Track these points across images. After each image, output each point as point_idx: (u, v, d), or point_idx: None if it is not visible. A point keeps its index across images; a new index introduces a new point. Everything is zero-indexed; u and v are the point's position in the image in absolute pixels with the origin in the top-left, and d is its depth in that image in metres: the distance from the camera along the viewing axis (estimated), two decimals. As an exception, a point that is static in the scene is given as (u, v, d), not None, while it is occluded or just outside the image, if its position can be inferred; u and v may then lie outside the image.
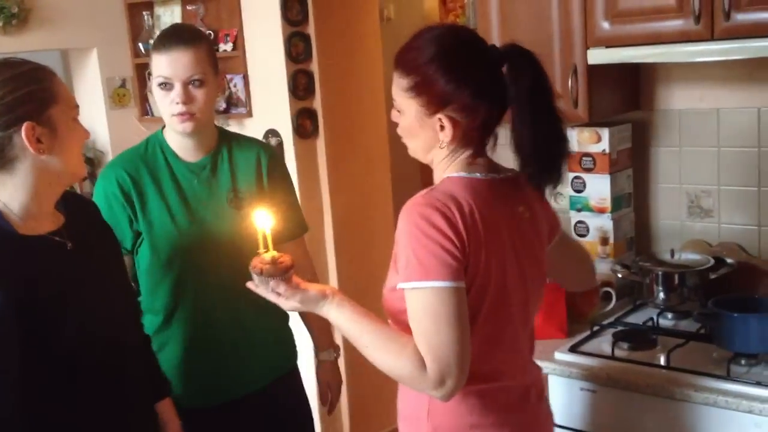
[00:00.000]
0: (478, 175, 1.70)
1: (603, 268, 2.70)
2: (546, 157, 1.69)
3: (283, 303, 1.75)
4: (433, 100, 1.66)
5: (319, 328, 2.50)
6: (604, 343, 2.40)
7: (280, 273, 1.70)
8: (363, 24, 4.01)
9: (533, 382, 1.83)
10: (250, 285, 1.78)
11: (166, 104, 2.20)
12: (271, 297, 1.75)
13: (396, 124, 1.77)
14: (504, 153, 1.73)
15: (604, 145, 2.66)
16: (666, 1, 2.29)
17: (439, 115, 1.66)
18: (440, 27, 1.75)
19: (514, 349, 1.76)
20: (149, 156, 2.28)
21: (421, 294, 1.57)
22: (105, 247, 1.93)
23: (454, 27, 1.87)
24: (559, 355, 2.36)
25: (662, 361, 2.22)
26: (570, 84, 2.50)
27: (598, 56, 2.46)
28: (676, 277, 2.52)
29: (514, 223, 1.73)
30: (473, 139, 1.70)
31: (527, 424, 1.80)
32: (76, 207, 1.88)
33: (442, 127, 1.67)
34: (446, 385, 1.56)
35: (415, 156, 1.78)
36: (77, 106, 1.77)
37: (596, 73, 2.52)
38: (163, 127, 2.31)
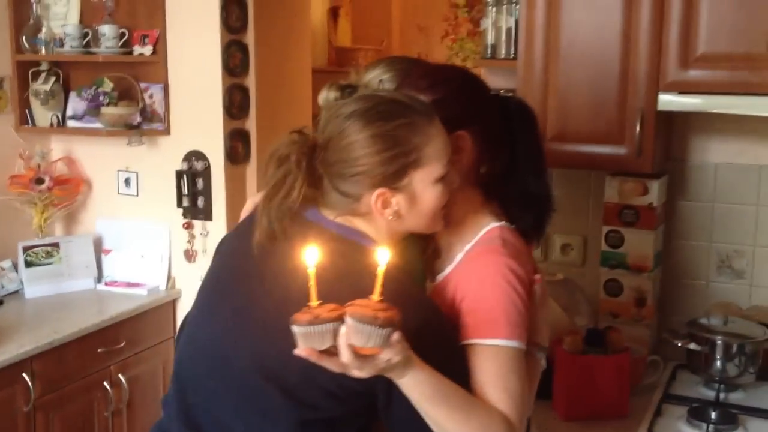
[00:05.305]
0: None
1: (640, 332, 2.47)
2: (543, 212, 1.66)
3: (381, 365, 1.26)
4: (456, 117, 1.51)
5: None
6: (680, 424, 2.14)
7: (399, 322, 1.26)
8: (301, 35, 3.57)
9: None
10: (348, 336, 1.23)
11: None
12: (365, 353, 1.24)
13: None
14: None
15: (652, 198, 2.42)
16: (758, 48, 2.11)
17: (459, 133, 1.52)
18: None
19: None
20: None
21: (508, 352, 1.44)
22: None
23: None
24: (643, 443, 2.07)
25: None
26: (637, 131, 2.25)
27: (670, 103, 2.22)
28: (735, 347, 2.33)
29: None
30: (478, 176, 1.60)
31: None
32: None
33: (458, 148, 1.52)
34: None
35: None
36: (448, 164, 1.46)
37: (660, 120, 2.29)
38: None
